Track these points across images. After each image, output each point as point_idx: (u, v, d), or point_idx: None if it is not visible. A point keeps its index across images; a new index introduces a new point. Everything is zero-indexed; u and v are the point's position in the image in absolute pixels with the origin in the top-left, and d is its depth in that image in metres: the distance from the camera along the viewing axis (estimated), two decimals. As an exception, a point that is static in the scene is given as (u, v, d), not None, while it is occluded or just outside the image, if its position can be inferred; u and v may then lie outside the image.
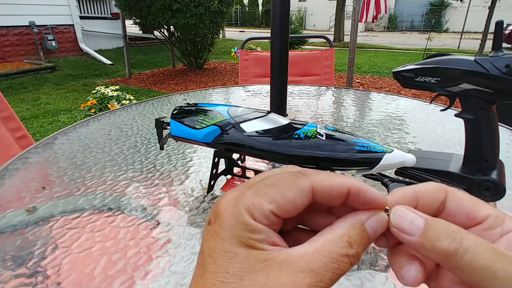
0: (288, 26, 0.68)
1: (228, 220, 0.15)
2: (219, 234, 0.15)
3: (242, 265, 0.15)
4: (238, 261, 0.15)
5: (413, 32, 17.18)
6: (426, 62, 0.45)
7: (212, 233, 0.16)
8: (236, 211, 0.15)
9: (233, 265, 0.15)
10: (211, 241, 0.15)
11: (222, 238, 0.15)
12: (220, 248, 0.15)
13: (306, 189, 0.16)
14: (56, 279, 0.34)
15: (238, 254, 0.15)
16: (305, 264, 0.15)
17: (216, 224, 0.16)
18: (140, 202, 0.47)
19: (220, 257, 0.15)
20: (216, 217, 0.16)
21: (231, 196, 0.16)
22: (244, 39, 1.72)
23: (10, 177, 0.56)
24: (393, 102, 0.97)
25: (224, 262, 0.15)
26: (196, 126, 0.42)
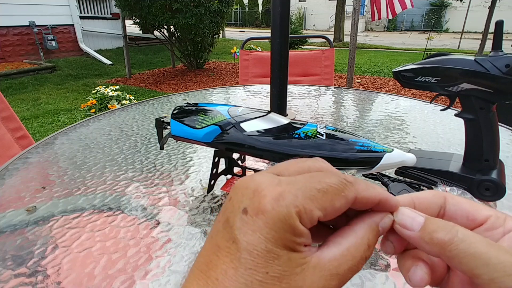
0: (288, 26, 0.68)
1: (276, 220, 0.15)
2: (262, 232, 0.15)
3: (283, 267, 0.15)
4: (280, 264, 0.15)
5: (413, 32, 17.18)
6: (426, 62, 0.45)
7: (253, 228, 0.15)
8: (286, 212, 0.15)
9: (274, 266, 0.14)
10: (251, 236, 0.15)
11: (266, 238, 0.15)
12: (262, 247, 0.15)
13: (351, 200, 0.16)
14: (56, 278, 0.34)
15: (281, 256, 0.15)
16: (333, 268, 0.15)
17: (259, 220, 0.15)
18: (140, 201, 0.47)
19: (261, 256, 0.15)
20: (259, 211, 0.15)
21: (275, 191, 0.16)
22: (244, 39, 1.72)
23: (10, 177, 0.56)
24: (393, 102, 0.97)
25: (265, 262, 0.14)
26: (196, 125, 0.42)
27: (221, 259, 0.15)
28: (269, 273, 0.14)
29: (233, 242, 0.15)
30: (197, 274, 0.16)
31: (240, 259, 0.15)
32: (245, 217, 0.15)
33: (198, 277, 0.15)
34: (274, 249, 0.15)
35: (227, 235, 0.16)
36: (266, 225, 0.15)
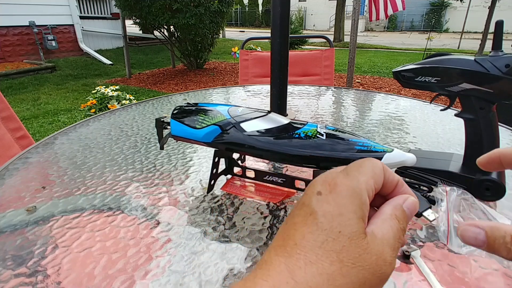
0: (288, 26, 0.68)
1: (346, 192, 0.19)
2: (335, 201, 0.18)
3: (352, 229, 0.18)
4: (351, 226, 0.18)
5: (413, 32, 17.18)
6: (426, 62, 0.45)
7: (328, 200, 0.19)
8: (357, 187, 0.19)
9: (347, 228, 0.18)
10: (326, 206, 0.18)
11: (339, 205, 0.18)
12: (336, 212, 0.18)
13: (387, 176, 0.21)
14: (56, 278, 0.34)
15: (351, 219, 0.18)
16: (386, 241, 0.19)
17: (332, 194, 0.19)
18: (140, 201, 0.47)
19: (335, 219, 0.18)
20: (331, 189, 0.19)
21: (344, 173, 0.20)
22: (244, 39, 1.72)
23: (10, 177, 0.56)
24: (393, 102, 0.97)
25: (339, 225, 0.18)
26: (196, 125, 0.42)
27: (298, 230, 0.18)
28: (341, 232, 0.18)
29: (310, 215, 0.19)
30: (274, 248, 0.19)
31: (317, 224, 0.18)
32: (319, 196, 0.19)
33: (275, 249, 0.18)
34: (346, 213, 0.18)
35: (304, 212, 0.19)
36: (339, 197, 0.19)
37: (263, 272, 0.18)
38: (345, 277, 0.17)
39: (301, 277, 0.17)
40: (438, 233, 0.36)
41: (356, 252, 0.17)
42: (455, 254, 0.36)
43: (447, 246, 0.36)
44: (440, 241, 0.38)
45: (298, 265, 0.17)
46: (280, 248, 0.18)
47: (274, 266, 0.18)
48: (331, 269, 0.17)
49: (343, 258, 0.17)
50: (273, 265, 0.18)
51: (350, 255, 0.17)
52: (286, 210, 0.45)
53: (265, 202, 0.46)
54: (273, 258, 0.18)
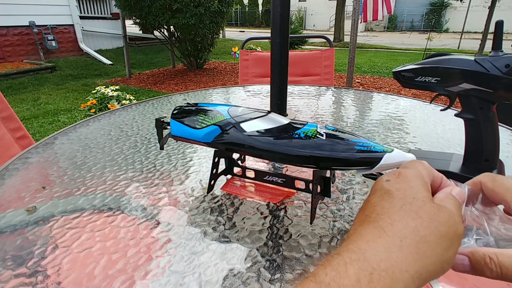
0: (288, 26, 0.68)
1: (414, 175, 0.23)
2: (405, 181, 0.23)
3: (424, 195, 0.22)
4: (422, 193, 0.22)
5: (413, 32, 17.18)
6: (426, 62, 0.45)
7: (398, 181, 0.23)
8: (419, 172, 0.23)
9: (419, 194, 0.22)
10: (397, 185, 0.22)
11: (409, 181, 0.23)
12: (408, 186, 0.22)
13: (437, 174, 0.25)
14: (56, 278, 0.34)
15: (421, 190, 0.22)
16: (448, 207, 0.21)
17: (401, 177, 0.23)
18: (140, 202, 0.47)
19: (408, 190, 0.22)
20: (398, 175, 0.23)
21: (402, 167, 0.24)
22: (244, 39, 1.72)
23: (10, 177, 0.56)
24: (393, 102, 0.97)
25: (412, 193, 0.22)
26: (196, 126, 0.42)
27: (378, 205, 0.22)
28: (415, 198, 0.21)
29: (385, 193, 0.23)
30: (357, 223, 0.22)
31: (393, 196, 0.22)
32: (389, 182, 0.23)
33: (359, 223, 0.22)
34: (415, 186, 0.22)
35: (378, 194, 0.23)
36: (405, 178, 0.23)
37: (354, 237, 0.21)
38: (426, 229, 0.20)
39: (390, 231, 0.20)
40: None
41: (431, 211, 0.21)
42: (455, 254, 0.36)
43: None
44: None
45: (385, 224, 0.20)
46: (364, 222, 0.22)
47: (364, 231, 0.21)
48: (413, 223, 0.20)
49: (422, 215, 0.20)
50: (363, 231, 0.21)
51: (427, 213, 0.20)
52: (286, 210, 0.45)
53: (265, 202, 0.46)
54: (360, 228, 0.21)
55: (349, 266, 0.19)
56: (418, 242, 0.19)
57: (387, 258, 0.19)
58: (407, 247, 0.19)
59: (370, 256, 0.19)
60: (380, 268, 0.18)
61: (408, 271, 0.18)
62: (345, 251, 0.20)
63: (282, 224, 0.42)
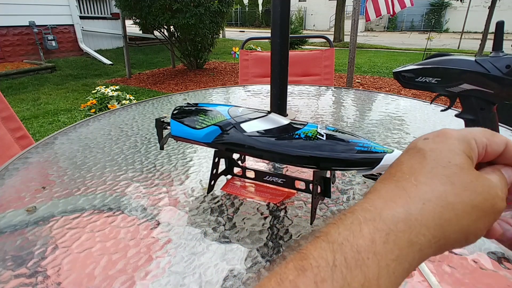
0: (288, 26, 0.68)
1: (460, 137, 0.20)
2: (446, 142, 0.20)
3: (462, 161, 0.19)
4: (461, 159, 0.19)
5: (413, 32, 17.18)
6: (426, 62, 0.45)
7: (435, 141, 0.21)
8: (467, 135, 0.20)
9: (456, 159, 0.19)
10: (434, 145, 0.20)
11: (450, 143, 0.20)
12: (446, 148, 0.20)
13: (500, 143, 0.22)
14: (56, 279, 0.34)
15: (460, 154, 0.19)
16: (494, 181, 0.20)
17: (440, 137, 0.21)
18: (140, 202, 0.47)
19: (445, 153, 0.20)
20: (439, 134, 0.21)
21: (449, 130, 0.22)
22: (244, 39, 1.72)
23: (10, 177, 0.56)
24: (393, 102, 0.97)
25: (448, 157, 0.19)
26: (196, 126, 0.42)
27: (405, 163, 0.20)
28: (451, 162, 0.19)
29: (417, 152, 0.20)
30: (380, 181, 0.20)
31: (425, 156, 0.20)
32: (426, 140, 0.21)
33: (382, 181, 0.20)
34: (455, 150, 0.20)
35: (410, 152, 0.21)
36: (447, 139, 0.20)
37: (372, 195, 0.19)
38: (457, 196, 0.18)
39: (413, 193, 0.18)
40: None
41: (468, 179, 0.18)
42: (455, 255, 0.36)
43: None
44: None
45: (409, 185, 0.18)
46: (386, 180, 0.20)
47: (384, 189, 0.19)
48: (442, 188, 0.18)
49: (455, 181, 0.18)
50: (383, 189, 0.19)
51: (461, 180, 0.18)
52: (286, 211, 0.45)
53: (265, 202, 0.46)
54: (381, 186, 0.20)
55: (363, 225, 0.17)
56: (443, 208, 0.18)
57: (406, 219, 0.17)
58: (429, 212, 0.17)
59: (387, 216, 0.17)
60: (397, 229, 0.17)
61: (426, 236, 0.17)
62: (360, 209, 0.18)
63: (282, 224, 0.42)
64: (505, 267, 0.34)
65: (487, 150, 0.21)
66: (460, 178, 0.18)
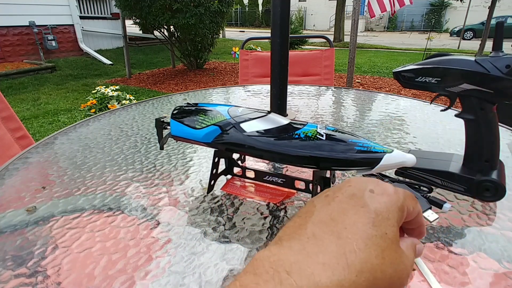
0: (288, 26, 0.68)
1: (395, 202, 0.21)
2: (386, 206, 0.21)
3: (395, 235, 0.20)
4: (393, 231, 0.20)
5: (413, 32, 17.18)
6: (426, 62, 0.45)
7: (380, 201, 0.21)
8: (402, 200, 0.22)
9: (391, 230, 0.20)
10: (378, 205, 0.21)
11: (389, 210, 0.21)
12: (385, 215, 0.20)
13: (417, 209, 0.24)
14: (56, 279, 0.34)
15: (395, 227, 0.20)
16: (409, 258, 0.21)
17: (384, 197, 0.21)
18: (140, 202, 0.47)
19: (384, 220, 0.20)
20: (384, 193, 0.21)
21: (393, 187, 0.22)
22: (244, 39, 1.72)
23: (10, 177, 0.56)
24: (393, 102, 0.97)
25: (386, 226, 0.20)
26: (196, 126, 0.42)
27: (349, 217, 0.20)
28: (387, 234, 0.20)
29: (362, 207, 0.20)
30: (318, 224, 0.20)
31: (369, 218, 0.20)
32: (372, 194, 0.21)
33: (320, 226, 0.20)
34: (392, 220, 0.20)
35: (355, 203, 0.21)
36: (389, 202, 0.21)
37: (313, 247, 0.19)
38: (383, 273, 0.19)
39: (352, 261, 0.18)
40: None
41: (394, 256, 0.20)
42: (455, 255, 0.36)
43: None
44: (440, 242, 0.38)
45: (349, 248, 0.18)
46: (327, 227, 0.20)
47: (325, 243, 0.19)
48: (375, 261, 0.19)
49: (385, 256, 0.19)
50: (324, 242, 0.19)
51: (391, 255, 0.19)
52: (286, 211, 0.45)
53: (265, 202, 0.46)
54: (322, 235, 0.19)
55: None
56: (369, 282, 0.18)
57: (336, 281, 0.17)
58: (358, 285, 0.18)
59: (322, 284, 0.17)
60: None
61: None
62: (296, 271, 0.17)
63: (282, 224, 0.42)
64: (505, 267, 0.34)
65: (406, 216, 0.22)
66: (389, 254, 0.19)
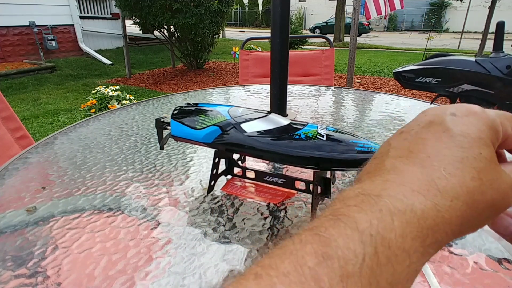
0: (288, 26, 0.68)
1: (486, 120, 0.19)
2: (474, 125, 0.18)
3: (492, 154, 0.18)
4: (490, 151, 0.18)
5: (413, 32, 17.19)
6: (426, 62, 0.45)
7: (465, 122, 0.19)
8: (493, 118, 0.19)
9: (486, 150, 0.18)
10: (464, 127, 0.18)
11: (479, 129, 0.18)
12: (476, 135, 0.18)
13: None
14: (56, 279, 0.34)
15: (490, 146, 0.18)
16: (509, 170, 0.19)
17: (470, 118, 0.19)
18: (140, 202, 0.47)
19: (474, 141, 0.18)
20: (469, 113, 0.19)
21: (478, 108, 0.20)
22: (244, 39, 1.72)
23: (10, 177, 0.56)
24: (393, 102, 0.97)
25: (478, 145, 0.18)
26: (197, 126, 0.42)
27: (430, 145, 0.18)
28: (482, 154, 0.18)
29: (444, 132, 0.18)
30: (397, 158, 0.18)
31: (454, 141, 0.18)
32: (454, 117, 0.19)
33: (401, 159, 0.18)
34: (485, 139, 0.18)
35: (435, 129, 0.19)
36: (478, 121, 0.19)
37: (395, 177, 0.17)
38: (482, 195, 0.17)
39: (442, 186, 0.17)
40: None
41: (494, 175, 0.18)
42: (455, 256, 0.36)
43: None
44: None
45: (437, 175, 0.17)
46: (407, 159, 0.18)
47: (408, 173, 0.17)
48: (471, 184, 0.17)
49: (483, 177, 0.17)
50: (406, 173, 0.17)
51: (489, 176, 0.17)
52: (286, 211, 0.45)
53: (265, 203, 0.46)
54: (403, 166, 0.18)
55: (395, 217, 0.16)
56: (468, 207, 0.17)
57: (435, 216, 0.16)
58: (456, 210, 0.16)
59: (416, 210, 0.16)
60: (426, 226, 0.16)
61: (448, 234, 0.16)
62: (388, 196, 0.16)
63: (282, 225, 0.42)
64: (505, 268, 0.34)
65: (506, 140, 0.20)
66: (487, 174, 0.17)
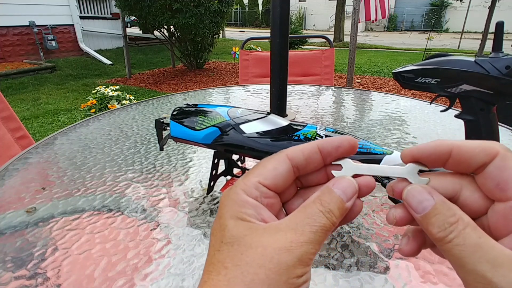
0: (288, 26, 0.68)
1: (225, 201, 0.19)
2: (218, 215, 0.19)
3: (232, 233, 0.17)
4: (229, 231, 0.17)
5: (413, 32, 17.18)
6: (426, 63, 0.45)
7: (216, 217, 0.19)
8: (232, 192, 0.19)
9: (226, 234, 0.17)
10: (214, 223, 0.19)
11: (220, 217, 0.18)
12: (217, 225, 0.18)
13: (283, 158, 0.19)
14: (56, 280, 0.34)
15: (228, 225, 0.18)
16: (284, 226, 0.17)
17: (218, 209, 0.19)
18: (140, 203, 0.47)
19: (217, 232, 0.18)
20: (219, 204, 0.19)
21: (229, 187, 0.20)
22: (244, 39, 1.72)
23: (10, 177, 0.56)
24: (393, 102, 0.97)
25: (219, 234, 0.18)
26: (196, 127, 0.42)
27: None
28: (223, 241, 0.17)
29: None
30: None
31: (209, 243, 0.19)
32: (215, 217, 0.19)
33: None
34: (224, 222, 0.18)
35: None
36: (220, 209, 0.19)
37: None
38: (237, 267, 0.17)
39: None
40: None
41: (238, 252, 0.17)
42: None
43: None
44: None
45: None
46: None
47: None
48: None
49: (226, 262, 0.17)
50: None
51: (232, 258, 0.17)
52: (286, 212, 0.45)
53: (265, 203, 0.46)
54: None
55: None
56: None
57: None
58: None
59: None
60: None
61: None
62: None
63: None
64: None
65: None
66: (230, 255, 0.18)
